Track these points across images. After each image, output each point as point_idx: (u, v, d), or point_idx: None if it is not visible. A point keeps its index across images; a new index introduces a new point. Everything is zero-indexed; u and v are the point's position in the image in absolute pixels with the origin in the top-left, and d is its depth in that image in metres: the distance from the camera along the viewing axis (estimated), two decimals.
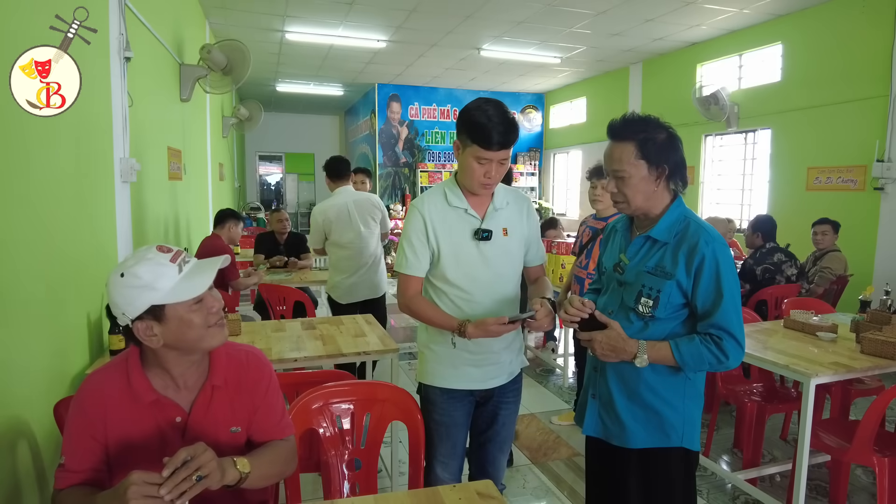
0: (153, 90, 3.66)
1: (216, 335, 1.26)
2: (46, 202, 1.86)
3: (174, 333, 1.20)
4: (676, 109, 7.25)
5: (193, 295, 1.19)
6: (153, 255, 1.19)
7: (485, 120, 1.67)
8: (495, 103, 1.72)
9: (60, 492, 1.21)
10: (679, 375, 1.58)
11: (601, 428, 1.68)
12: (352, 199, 3.72)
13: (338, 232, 3.66)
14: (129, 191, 2.86)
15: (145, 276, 1.16)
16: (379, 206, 3.84)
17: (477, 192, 1.80)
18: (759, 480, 2.90)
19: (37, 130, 1.76)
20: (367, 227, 3.73)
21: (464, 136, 1.74)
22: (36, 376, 1.75)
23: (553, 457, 3.23)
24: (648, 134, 1.53)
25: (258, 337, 2.74)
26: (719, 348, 1.48)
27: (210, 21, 6.42)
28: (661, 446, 1.59)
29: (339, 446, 1.80)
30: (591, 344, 1.55)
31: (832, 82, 5.54)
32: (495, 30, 6.71)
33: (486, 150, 1.69)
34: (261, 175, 14.99)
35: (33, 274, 1.74)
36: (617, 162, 1.55)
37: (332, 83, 10.25)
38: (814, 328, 2.84)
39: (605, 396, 1.66)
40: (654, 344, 1.52)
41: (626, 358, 1.54)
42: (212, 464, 1.09)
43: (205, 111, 6.19)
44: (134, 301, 1.16)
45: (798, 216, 5.47)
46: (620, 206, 1.61)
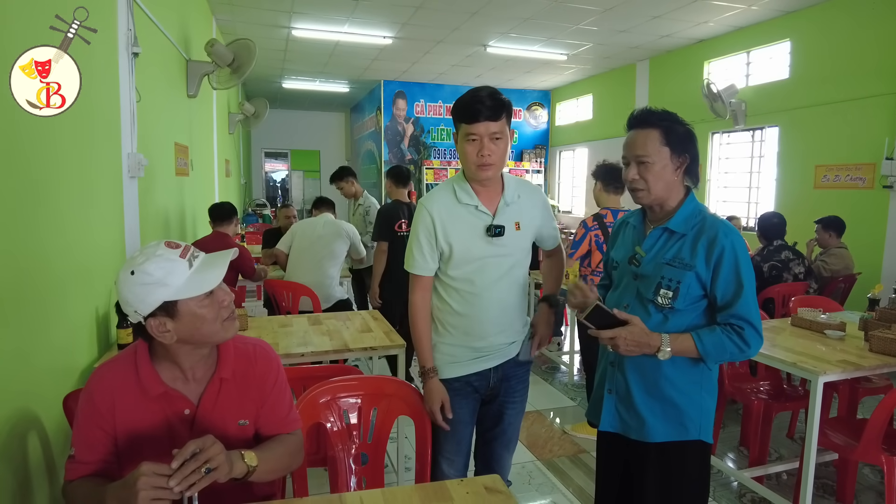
0: (160, 86, 3.68)
1: (229, 328, 1.26)
2: (54, 197, 1.87)
3: (187, 328, 1.20)
4: (684, 107, 7.13)
5: (206, 289, 1.20)
6: (163, 252, 1.18)
7: (468, 98, 1.71)
8: (482, 87, 1.73)
9: (71, 483, 1.22)
10: (697, 367, 1.59)
11: (619, 423, 1.67)
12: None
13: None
14: (137, 186, 2.87)
15: (156, 273, 1.15)
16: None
17: (477, 176, 1.76)
18: (766, 478, 2.90)
19: (45, 126, 1.77)
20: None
21: (455, 122, 1.76)
22: (45, 370, 1.76)
23: (559, 453, 3.23)
24: (672, 123, 1.57)
25: (265, 332, 2.75)
26: (741, 338, 1.51)
27: (217, 17, 6.42)
28: (679, 439, 1.60)
29: (346, 440, 1.80)
30: (615, 341, 1.53)
31: (841, 79, 5.50)
32: (501, 26, 6.69)
33: (473, 125, 1.69)
34: (267, 172, 15.02)
35: (42, 269, 1.75)
36: (641, 147, 1.56)
37: (337, 80, 10.25)
38: (822, 326, 2.83)
39: (622, 391, 1.66)
40: (676, 336, 1.53)
41: (649, 352, 1.53)
42: (220, 456, 1.10)
43: (211, 107, 6.21)
44: (146, 298, 1.16)
45: (806, 214, 5.44)
46: (640, 195, 1.60)
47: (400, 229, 4.01)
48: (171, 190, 3.92)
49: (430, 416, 1.81)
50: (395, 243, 3.99)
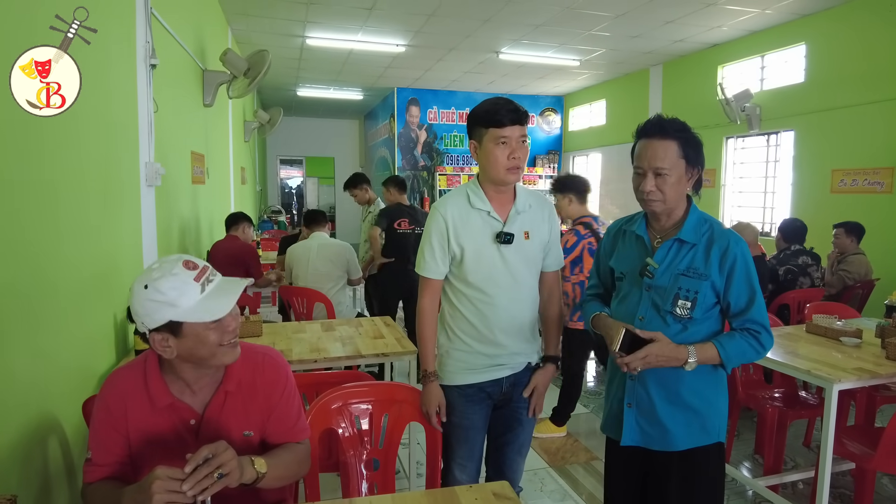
0: (177, 96, 3.74)
1: (227, 354, 1.28)
2: (75, 206, 1.91)
3: (188, 348, 1.22)
4: (698, 111, 7.18)
5: (213, 318, 1.21)
6: (178, 272, 1.20)
7: (491, 105, 1.78)
8: (500, 97, 1.81)
9: (89, 485, 1.26)
10: (715, 372, 1.63)
11: (641, 436, 1.67)
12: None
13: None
14: (154, 194, 2.92)
15: (168, 293, 1.17)
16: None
17: (505, 180, 1.79)
18: (781, 487, 2.86)
19: (65, 136, 1.82)
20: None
21: (477, 128, 1.81)
22: (65, 375, 1.81)
23: (571, 460, 3.22)
24: (687, 135, 1.58)
25: (279, 338, 2.78)
26: (758, 342, 1.57)
27: (232, 27, 6.52)
28: (702, 444, 1.63)
29: (357, 446, 1.82)
30: (647, 360, 1.52)
31: (858, 83, 5.43)
32: (514, 33, 6.71)
33: (503, 128, 1.74)
34: (282, 179, 15.15)
35: (62, 276, 1.80)
36: (661, 160, 1.56)
37: (351, 87, 10.33)
38: (837, 333, 2.80)
39: (644, 403, 1.66)
40: (701, 346, 1.56)
41: (676, 364, 1.55)
42: (232, 462, 1.13)
43: (227, 116, 6.29)
44: (153, 314, 1.19)
45: (823, 219, 5.37)
46: (654, 205, 1.60)
47: (399, 226, 4.50)
48: (187, 198, 3.99)
49: (426, 419, 1.83)
50: (393, 238, 4.47)
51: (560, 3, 5.63)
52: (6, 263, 1.44)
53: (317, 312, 3.78)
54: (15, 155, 1.49)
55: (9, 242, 1.46)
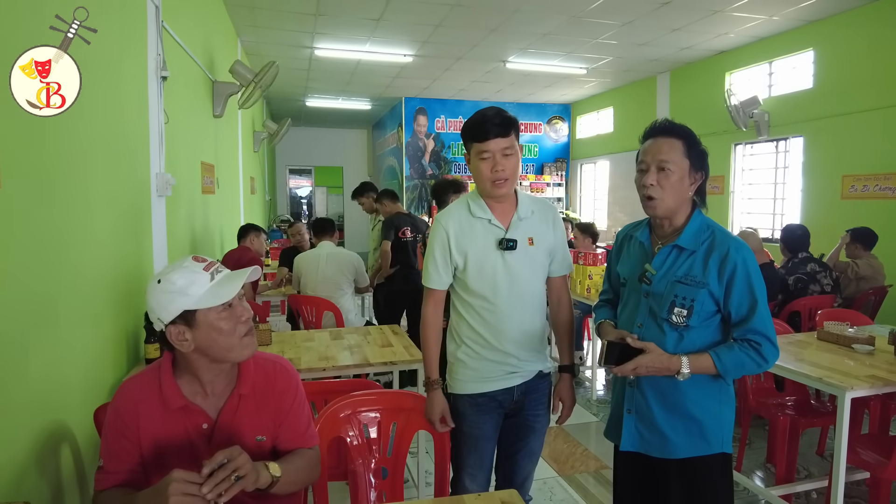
0: (187, 107, 3.79)
1: (246, 346, 1.30)
2: (86, 216, 1.94)
3: (205, 339, 1.25)
4: (705, 118, 7.16)
5: (222, 301, 1.25)
6: (189, 264, 1.27)
7: (478, 117, 1.78)
8: (489, 108, 1.80)
9: (101, 493, 1.27)
10: (716, 383, 1.60)
11: (640, 442, 1.67)
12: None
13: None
14: (165, 204, 2.96)
15: (179, 282, 1.23)
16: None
17: (492, 193, 1.80)
18: (794, 497, 2.83)
19: (76, 148, 1.85)
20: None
21: (466, 142, 1.82)
22: (76, 384, 1.82)
23: (580, 469, 3.20)
24: (694, 139, 1.59)
25: (288, 346, 2.79)
26: (759, 353, 1.52)
27: (241, 38, 6.60)
28: (703, 454, 1.60)
29: (366, 455, 1.82)
30: (637, 370, 1.53)
31: (867, 88, 5.40)
32: (521, 42, 6.74)
33: (484, 143, 1.75)
34: (291, 188, 15.24)
35: (73, 287, 1.82)
36: (666, 153, 1.56)
37: (359, 97, 10.41)
38: (849, 340, 2.77)
39: (642, 410, 1.65)
40: (695, 357, 1.54)
41: (668, 374, 1.55)
42: (248, 465, 1.14)
43: (236, 126, 6.36)
44: (168, 306, 1.22)
45: (833, 225, 5.34)
46: (653, 203, 1.59)
47: (403, 235, 4.62)
48: (197, 207, 4.03)
49: (431, 426, 1.84)
50: (398, 246, 4.58)
51: (567, 12, 5.66)
52: (21, 273, 1.46)
53: (326, 321, 3.80)
54: (30, 167, 1.52)
55: (28, 252, 1.48)
